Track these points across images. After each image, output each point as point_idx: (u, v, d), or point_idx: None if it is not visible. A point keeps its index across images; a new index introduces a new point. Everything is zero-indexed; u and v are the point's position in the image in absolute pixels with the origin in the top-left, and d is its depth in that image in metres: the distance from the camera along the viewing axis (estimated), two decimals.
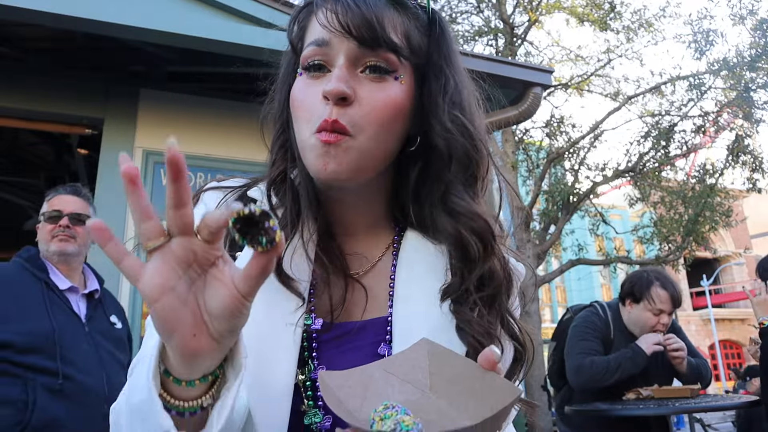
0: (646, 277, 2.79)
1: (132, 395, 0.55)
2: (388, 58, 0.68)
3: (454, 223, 0.71)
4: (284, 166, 0.76)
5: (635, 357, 2.61)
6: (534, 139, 11.38)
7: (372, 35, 0.67)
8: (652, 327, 2.71)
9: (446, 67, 0.74)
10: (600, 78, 11.51)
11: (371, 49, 0.67)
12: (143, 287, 0.46)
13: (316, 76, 0.70)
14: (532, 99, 4.41)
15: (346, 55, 0.68)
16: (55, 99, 3.94)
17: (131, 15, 3.26)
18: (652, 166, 10.09)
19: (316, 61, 0.69)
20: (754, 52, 10.00)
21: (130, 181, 0.45)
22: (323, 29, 0.68)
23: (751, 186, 9.91)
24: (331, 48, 0.68)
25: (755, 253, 26.76)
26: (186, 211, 0.46)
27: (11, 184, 6.21)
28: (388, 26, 0.68)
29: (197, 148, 3.93)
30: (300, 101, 0.70)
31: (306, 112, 0.69)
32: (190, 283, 0.48)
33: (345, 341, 0.70)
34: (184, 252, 0.47)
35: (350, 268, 0.75)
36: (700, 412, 3.77)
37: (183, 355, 0.49)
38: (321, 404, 0.68)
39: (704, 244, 10.35)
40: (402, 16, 0.71)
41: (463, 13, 11.36)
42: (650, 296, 2.70)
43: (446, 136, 0.71)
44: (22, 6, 3.08)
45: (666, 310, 2.71)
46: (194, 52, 3.54)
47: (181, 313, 0.47)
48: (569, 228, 11.11)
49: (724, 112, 10.25)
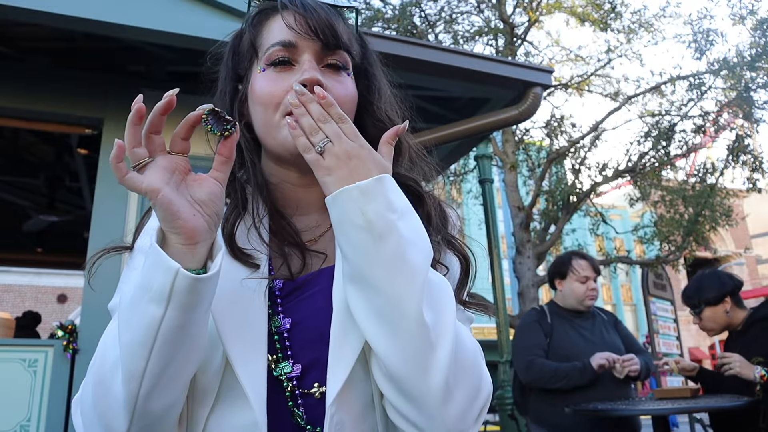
0: (564, 255, 3.13)
1: (125, 299, 0.65)
2: (344, 57, 0.81)
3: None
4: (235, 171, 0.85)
5: (584, 370, 2.72)
6: (534, 139, 11.38)
7: (334, 38, 0.79)
8: (585, 294, 2.94)
9: (374, 71, 0.88)
10: (600, 78, 11.52)
11: (332, 50, 0.79)
12: (147, 184, 0.61)
13: (282, 69, 0.79)
14: (532, 99, 4.40)
15: (312, 54, 0.79)
16: (55, 99, 3.94)
17: (131, 15, 3.26)
18: (652, 166, 10.09)
19: (282, 58, 0.79)
20: (754, 52, 10.00)
21: (138, 115, 0.62)
22: (290, 31, 0.78)
23: (752, 186, 9.91)
24: (296, 48, 0.79)
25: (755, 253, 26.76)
26: (160, 137, 0.65)
27: (11, 184, 6.21)
28: (343, 32, 0.81)
29: (197, 148, 3.90)
30: (268, 92, 0.78)
31: (274, 99, 0.78)
32: (178, 184, 0.64)
33: (302, 291, 0.79)
34: (167, 162, 0.64)
35: (303, 239, 0.83)
36: (700, 412, 3.77)
37: (186, 234, 0.62)
38: (290, 354, 0.75)
39: (704, 244, 10.35)
40: (345, 23, 0.85)
41: (463, 13, 11.36)
42: (573, 268, 2.99)
43: (379, 126, 0.82)
44: (22, 6, 3.07)
45: (590, 276, 2.98)
46: (194, 52, 3.54)
47: (179, 199, 0.62)
48: (569, 228, 11.12)
49: (725, 111, 10.24)
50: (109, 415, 0.64)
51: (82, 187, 5.79)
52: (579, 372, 2.72)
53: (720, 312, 2.78)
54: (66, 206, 6.46)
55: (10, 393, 3.50)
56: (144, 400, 0.63)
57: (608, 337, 2.95)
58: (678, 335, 6.54)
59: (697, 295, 2.84)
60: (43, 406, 3.52)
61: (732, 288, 2.79)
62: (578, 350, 2.83)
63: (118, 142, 0.60)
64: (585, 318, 3.01)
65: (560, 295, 3.06)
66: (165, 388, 0.64)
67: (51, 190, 5.97)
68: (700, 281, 2.90)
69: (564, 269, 3.02)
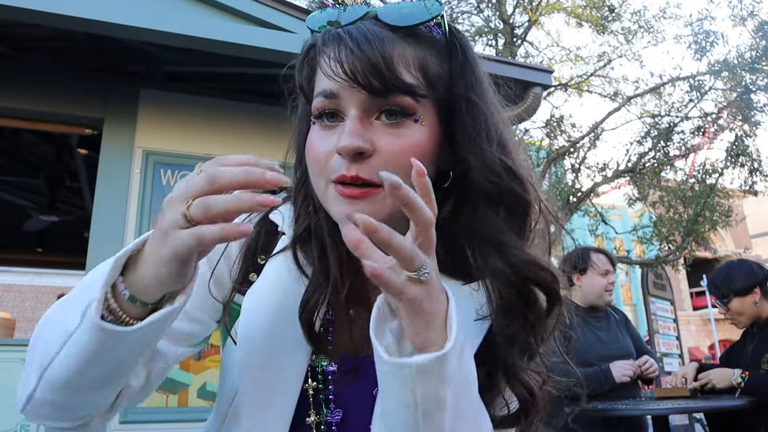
0: (579, 251, 3.10)
1: (75, 289, 0.60)
2: (403, 102, 0.63)
3: (514, 272, 0.65)
4: (308, 222, 0.73)
5: (605, 382, 2.70)
6: (534, 139, 11.38)
7: (382, 82, 0.61)
8: (605, 288, 2.92)
9: (475, 97, 0.68)
10: (600, 78, 11.52)
11: (383, 96, 0.62)
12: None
13: (329, 126, 0.65)
14: (532, 99, 4.41)
15: (358, 105, 0.63)
16: (55, 99, 3.94)
17: (131, 15, 3.26)
18: (651, 166, 10.09)
19: (327, 110, 0.65)
20: (755, 54, 9.99)
21: (238, 234, 0.51)
22: (329, 80, 0.64)
23: (749, 188, 9.89)
24: (340, 99, 0.64)
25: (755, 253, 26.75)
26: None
27: (11, 184, 6.21)
28: (399, 65, 0.63)
29: (197, 148, 3.93)
30: (314, 154, 0.65)
31: (319, 166, 0.65)
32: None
33: (360, 373, 0.68)
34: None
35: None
36: (700, 412, 3.77)
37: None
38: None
39: (704, 244, 10.34)
40: (414, 47, 0.65)
41: (463, 13, 11.36)
42: (593, 262, 2.96)
43: (494, 180, 0.66)
44: (22, 6, 3.07)
45: (610, 270, 2.97)
46: (194, 52, 3.54)
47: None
48: (569, 228, 11.10)
49: (724, 113, 10.24)
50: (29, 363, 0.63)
51: (82, 187, 5.78)
52: (600, 382, 2.69)
53: (749, 303, 2.67)
54: (66, 206, 6.46)
55: (11, 393, 3.49)
56: (45, 381, 0.60)
57: (622, 339, 2.92)
58: (678, 335, 6.54)
59: (726, 285, 2.73)
60: None
61: (762, 278, 2.70)
62: (595, 353, 2.79)
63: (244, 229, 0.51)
64: (599, 318, 2.96)
65: (579, 292, 2.98)
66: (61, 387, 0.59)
67: (51, 190, 5.98)
68: (728, 270, 2.79)
69: (584, 264, 2.96)
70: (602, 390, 2.69)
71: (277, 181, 0.50)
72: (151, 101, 4.02)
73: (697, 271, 18.09)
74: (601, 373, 2.72)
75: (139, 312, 0.55)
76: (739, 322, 2.76)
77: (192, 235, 0.50)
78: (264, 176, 0.50)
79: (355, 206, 0.61)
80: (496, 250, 0.66)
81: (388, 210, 0.62)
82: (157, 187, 3.84)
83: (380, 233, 0.48)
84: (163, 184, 3.85)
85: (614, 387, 2.70)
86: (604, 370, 2.72)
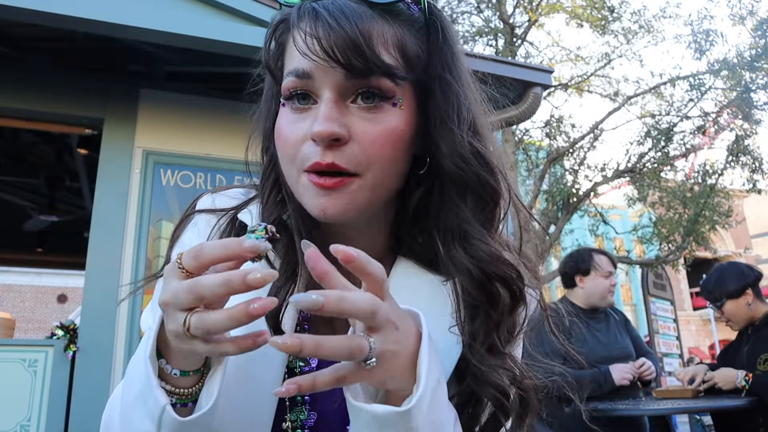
0: (581, 252, 3.08)
1: (131, 386, 0.55)
2: (382, 84, 0.58)
3: (476, 266, 0.63)
4: (277, 212, 0.68)
5: (604, 384, 2.70)
6: (534, 139, 11.39)
7: (362, 62, 0.56)
8: (608, 289, 2.91)
9: (449, 77, 0.63)
10: (600, 78, 11.53)
11: (362, 77, 0.58)
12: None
13: (301, 109, 0.60)
14: (532, 99, 4.41)
15: (333, 87, 0.58)
16: (55, 99, 3.94)
17: (131, 15, 3.26)
18: (651, 166, 10.09)
19: (299, 91, 0.60)
20: (754, 53, 10.00)
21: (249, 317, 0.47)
22: (303, 58, 0.58)
23: (751, 187, 9.90)
24: (314, 80, 0.59)
25: (755, 253, 26.74)
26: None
27: (11, 184, 6.21)
28: (378, 44, 0.58)
29: (197, 148, 3.93)
30: (285, 140, 0.61)
31: (290, 153, 0.60)
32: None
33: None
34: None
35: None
36: (700, 412, 3.77)
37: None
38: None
39: (704, 244, 10.34)
40: (392, 25, 0.60)
41: (463, 13, 11.37)
42: (596, 264, 2.93)
43: (461, 166, 0.62)
44: (22, 6, 3.08)
45: (612, 272, 2.96)
46: (194, 52, 3.54)
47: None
48: (569, 228, 11.12)
49: (724, 112, 10.24)
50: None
51: (82, 187, 5.79)
52: (599, 384, 2.69)
53: (742, 305, 2.70)
54: (66, 206, 6.46)
55: (10, 393, 3.49)
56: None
57: (621, 340, 2.92)
58: (678, 335, 6.54)
59: (718, 288, 2.76)
60: (43, 406, 3.52)
61: (753, 279, 2.72)
62: (594, 354, 2.77)
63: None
64: (599, 319, 2.95)
65: (581, 293, 2.96)
66: None
67: (51, 190, 5.98)
68: (720, 273, 2.81)
69: (586, 266, 2.95)
70: (601, 391, 2.69)
71: (260, 281, 0.46)
72: (151, 101, 4.02)
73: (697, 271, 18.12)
74: (600, 375, 2.72)
75: (194, 380, 0.55)
76: (734, 324, 2.78)
77: (209, 351, 0.50)
78: (245, 283, 0.46)
79: (330, 197, 0.58)
80: (459, 240, 0.64)
81: (364, 200, 0.60)
82: (157, 187, 3.84)
83: (356, 262, 0.46)
84: (163, 184, 3.85)
85: (613, 389, 2.70)
86: (604, 372, 2.72)
